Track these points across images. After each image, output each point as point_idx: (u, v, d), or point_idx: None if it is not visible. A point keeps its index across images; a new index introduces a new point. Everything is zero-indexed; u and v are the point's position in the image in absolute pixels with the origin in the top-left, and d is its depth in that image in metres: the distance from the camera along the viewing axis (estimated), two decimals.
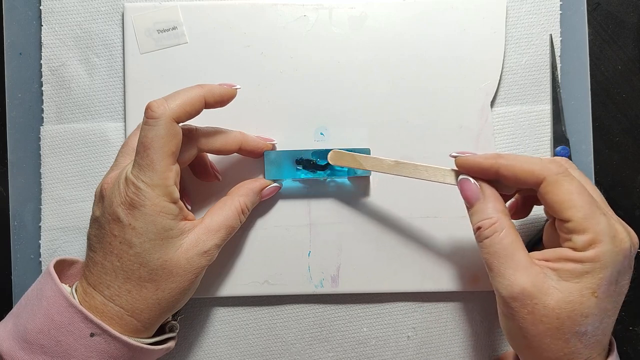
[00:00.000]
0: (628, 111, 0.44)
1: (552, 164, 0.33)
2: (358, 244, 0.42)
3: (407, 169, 0.37)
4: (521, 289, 0.31)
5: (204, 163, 0.40)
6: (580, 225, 0.31)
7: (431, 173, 0.37)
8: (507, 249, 0.33)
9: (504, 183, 0.35)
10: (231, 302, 0.43)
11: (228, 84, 0.37)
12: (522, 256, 0.32)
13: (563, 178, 0.32)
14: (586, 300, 0.31)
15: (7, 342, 0.33)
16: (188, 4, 0.42)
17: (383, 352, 0.43)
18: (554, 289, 0.31)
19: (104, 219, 0.34)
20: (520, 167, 0.33)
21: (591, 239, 0.31)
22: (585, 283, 0.31)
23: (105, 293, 0.34)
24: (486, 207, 0.34)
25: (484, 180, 0.35)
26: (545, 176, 0.32)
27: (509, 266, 0.32)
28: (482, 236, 0.34)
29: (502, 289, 0.32)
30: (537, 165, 0.33)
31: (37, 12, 0.44)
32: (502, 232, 0.33)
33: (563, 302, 0.31)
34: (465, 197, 0.35)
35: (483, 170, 0.35)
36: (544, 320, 0.31)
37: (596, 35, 0.45)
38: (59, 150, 0.43)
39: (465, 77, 0.42)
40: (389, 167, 0.37)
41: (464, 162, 0.35)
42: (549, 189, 0.32)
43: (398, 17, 0.42)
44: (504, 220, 0.33)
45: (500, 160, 0.34)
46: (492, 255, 0.33)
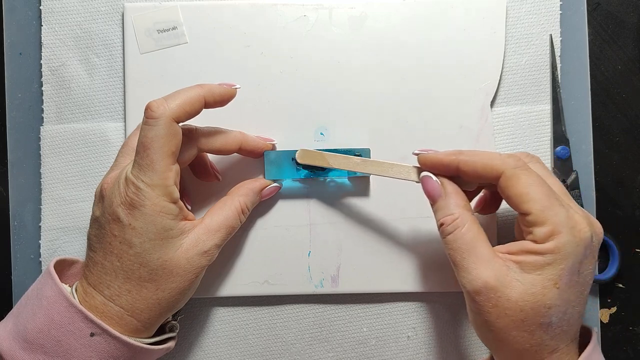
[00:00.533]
0: (628, 111, 0.44)
1: (510, 158, 0.33)
2: (358, 244, 0.42)
3: (373, 167, 0.38)
4: (484, 283, 0.32)
5: (204, 163, 0.40)
6: (539, 217, 0.32)
7: (396, 171, 0.37)
8: (469, 243, 0.33)
9: (464, 179, 0.35)
10: (231, 302, 0.43)
11: (228, 83, 0.37)
12: (485, 250, 0.33)
13: (520, 172, 0.33)
14: (548, 292, 0.31)
15: (7, 341, 0.33)
16: (188, 4, 0.42)
17: (383, 352, 0.43)
18: (516, 282, 0.32)
19: (104, 219, 0.34)
20: (479, 163, 0.34)
21: (550, 231, 0.31)
22: (546, 275, 0.31)
23: (105, 293, 0.34)
24: (448, 204, 0.35)
25: (445, 177, 0.36)
26: (503, 170, 0.33)
27: (471, 261, 0.33)
28: (445, 232, 0.34)
29: (466, 283, 0.33)
30: (495, 160, 0.33)
31: (37, 12, 0.44)
32: (464, 227, 0.33)
33: (526, 294, 0.31)
34: (428, 194, 0.36)
35: (444, 166, 0.35)
36: (508, 313, 0.31)
37: (596, 35, 0.45)
38: (59, 150, 0.43)
39: (465, 77, 0.42)
40: (355, 165, 0.38)
41: (426, 159, 0.36)
42: (508, 183, 0.33)
43: (398, 17, 0.42)
44: (465, 215, 0.34)
45: (461, 156, 0.34)
46: (455, 250, 0.33)
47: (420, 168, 0.37)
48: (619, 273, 0.43)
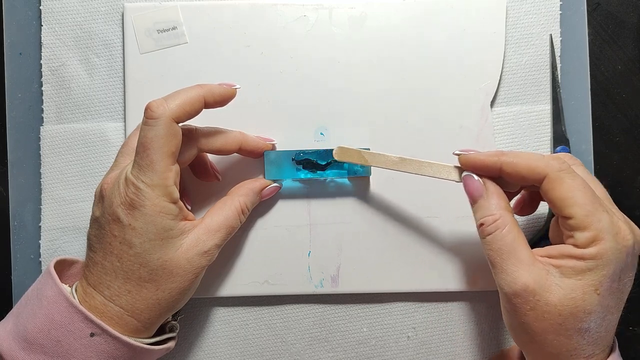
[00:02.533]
0: (628, 111, 0.44)
1: (554, 160, 0.33)
2: (358, 244, 0.42)
3: (412, 166, 0.37)
4: (523, 286, 0.31)
5: (204, 163, 0.40)
6: (582, 222, 0.31)
7: (435, 170, 0.37)
8: (509, 245, 0.33)
9: (507, 180, 0.35)
10: (231, 302, 0.43)
11: (228, 83, 0.37)
12: (525, 253, 0.32)
13: (565, 175, 0.32)
14: (588, 297, 0.31)
15: (7, 341, 0.33)
16: (188, 4, 0.42)
17: (383, 352, 0.43)
18: (556, 286, 0.31)
19: (104, 219, 0.34)
20: (523, 164, 0.33)
21: (593, 236, 0.31)
22: (587, 280, 0.31)
23: (105, 293, 0.34)
24: (489, 204, 0.34)
25: (487, 177, 0.35)
26: (547, 173, 0.32)
27: (511, 263, 0.32)
28: (485, 232, 0.34)
29: (504, 285, 0.32)
30: (539, 162, 0.33)
31: (37, 12, 0.44)
32: (505, 228, 0.33)
33: (565, 298, 0.31)
34: (469, 193, 0.35)
35: (486, 167, 0.35)
36: (546, 317, 0.31)
37: (596, 35, 0.44)
38: (59, 150, 0.43)
39: (465, 77, 0.42)
40: (393, 163, 0.37)
41: (468, 160, 0.35)
42: (551, 186, 0.32)
43: (398, 17, 0.42)
44: (506, 216, 0.33)
45: (504, 157, 0.34)
46: (494, 251, 0.33)
47: (461, 168, 0.36)
48: None
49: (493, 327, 0.42)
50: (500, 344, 0.42)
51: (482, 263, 0.42)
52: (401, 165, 0.37)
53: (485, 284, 0.42)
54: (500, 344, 0.42)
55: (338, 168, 0.40)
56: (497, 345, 0.42)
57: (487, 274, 0.42)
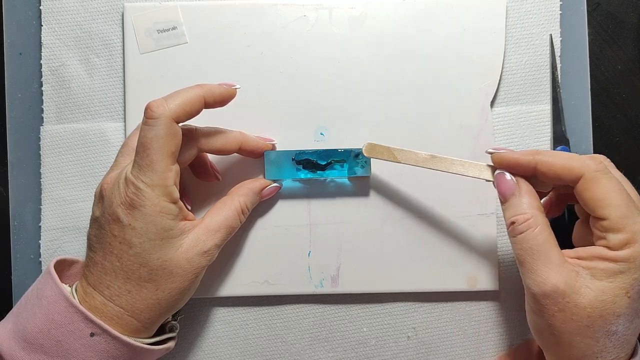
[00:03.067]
0: (628, 111, 0.44)
1: (590, 160, 0.33)
2: (358, 244, 0.42)
3: (442, 163, 0.37)
4: (553, 287, 0.31)
5: (204, 163, 0.40)
6: (617, 224, 0.31)
7: (467, 168, 0.37)
8: (540, 245, 0.32)
9: (541, 179, 0.34)
10: (231, 302, 0.43)
11: (228, 83, 0.37)
12: (556, 254, 0.32)
13: (602, 175, 0.32)
14: (619, 300, 0.31)
15: (7, 341, 0.33)
16: (188, 4, 0.42)
17: (383, 352, 0.43)
18: (586, 288, 0.31)
19: (104, 219, 0.34)
20: (559, 164, 0.33)
21: (627, 239, 0.31)
22: (618, 283, 0.31)
23: (105, 293, 0.34)
24: (521, 202, 0.34)
25: (520, 176, 0.35)
26: (583, 173, 0.32)
27: (542, 263, 0.32)
28: (516, 231, 0.33)
29: (533, 285, 0.32)
30: (575, 162, 0.33)
31: (37, 12, 0.44)
32: (537, 228, 0.33)
33: (595, 301, 0.31)
34: (501, 191, 0.35)
35: (521, 166, 0.34)
36: (575, 319, 0.31)
37: (596, 35, 0.44)
38: (59, 150, 0.43)
39: (465, 77, 0.42)
40: (424, 160, 0.37)
41: (501, 158, 0.35)
42: (587, 186, 0.32)
43: (398, 17, 0.42)
44: (539, 216, 0.33)
45: (539, 156, 0.34)
46: (525, 251, 0.33)
47: (493, 166, 0.36)
48: None
49: (493, 327, 0.42)
50: (500, 344, 0.42)
51: (482, 263, 0.42)
52: (431, 163, 0.37)
53: (485, 284, 0.42)
54: (500, 344, 0.42)
55: (338, 168, 0.40)
56: (497, 345, 0.42)
57: (487, 274, 0.42)
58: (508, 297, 0.42)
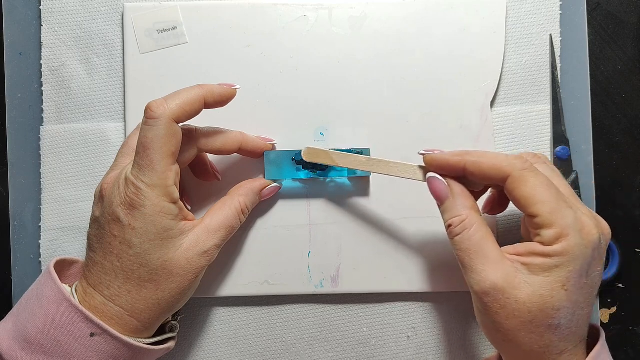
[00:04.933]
0: (628, 111, 0.44)
1: (517, 159, 0.33)
2: (358, 244, 0.42)
3: (379, 166, 0.37)
4: (492, 284, 0.32)
5: (204, 163, 0.40)
6: (547, 219, 0.31)
7: (402, 170, 0.37)
8: (477, 244, 0.33)
9: (471, 180, 0.35)
10: (231, 302, 0.43)
11: (228, 84, 0.37)
12: (493, 251, 0.33)
13: (528, 173, 0.33)
14: (556, 294, 0.31)
15: (7, 341, 0.33)
16: (188, 4, 0.42)
17: (383, 352, 0.43)
18: (524, 283, 0.32)
19: (104, 219, 0.34)
20: (486, 164, 0.34)
21: (558, 233, 0.31)
22: (554, 277, 0.31)
23: (105, 293, 0.34)
24: (455, 205, 0.34)
25: (452, 178, 0.35)
26: (510, 172, 0.33)
27: (479, 262, 0.33)
28: (453, 233, 0.34)
29: (474, 284, 0.33)
30: (502, 162, 0.33)
31: (37, 12, 0.44)
32: (472, 228, 0.33)
33: (534, 296, 0.31)
34: (435, 195, 0.36)
35: (450, 167, 0.35)
36: (517, 315, 0.31)
37: (596, 35, 0.44)
38: (59, 150, 0.43)
39: (465, 77, 0.42)
40: (361, 163, 0.38)
41: (432, 160, 0.36)
42: (515, 185, 0.33)
43: (398, 17, 0.42)
44: (473, 216, 0.34)
45: (467, 157, 0.34)
46: (463, 251, 0.33)
47: (427, 168, 0.36)
48: (619, 273, 0.43)
49: None
50: None
51: None
52: (369, 166, 0.38)
53: None
54: None
55: (338, 168, 0.40)
56: None
57: None
58: None
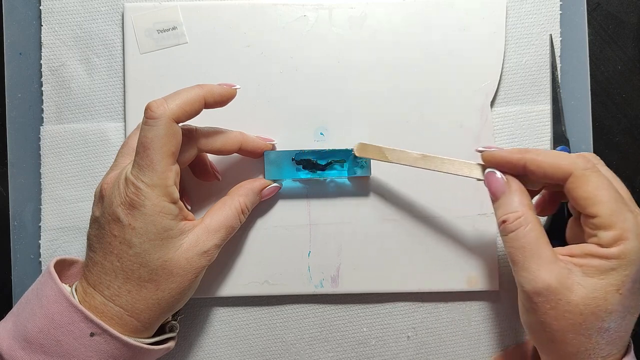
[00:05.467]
0: (628, 111, 0.44)
1: (579, 158, 0.33)
2: (358, 244, 0.42)
3: (434, 163, 0.37)
4: (546, 285, 0.31)
5: (204, 163, 0.40)
6: (607, 221, 0.31)
7: (457, 167, 0.37)
8: (532, 243, 0.32)
9: (530, 178, 0.34)
10: (231, 302, 0.43)
11: (228, 84, 0.37)
12: (547, 251, 0.32)
13: (590, 173, 0.32)
14: (610, 297, 0.31)
15: (7, 341, 0.33)
16: (188, 4, 0.42)
17: (383, 352, 0.43)
18: (578, 285, 0.31)
19: (104, 219, 0.34)
20: (547, 162, 0.33)
21: (617, 236, 0.31)
22: (610, 280, 0.31)
23: (105, 293, 0.34)
24: (512, 201, 0.34)
25: (510, 175, 0.35)
26: (572, 171, 0.32)
27: (533, 261, 0.32)
28: (507, 230, 0.33)
29: (525, 283, 0.32)
30: (564, 160, 0.33)
31: (37, 12, 0.44)
32: (528, 226, 0.33)
33: (587, 298, 0.31)
34: (491, 190, 0.35)
35: (510, 164, 0.34)
36: (567, 316, 0.31)
37: (596, 35, 0.44)
38: (59, 150, 0.43)
39: (465, 77, 0.42)
40: (414, 159, 0.37)
41: (491, 157, 0.35)
42: (576, 184, 0.32)
43: (398, 17, 0.42)
44: (529, 214, 0.33)
45: (528, 154, 0.34)
46: (516, 249, 0.33)
47: (484, 165, 0.36)
48: None
49: (493, 327, 0.42)
50: (500, 344, 0.42)
51: (482, 263, 0.42)
52: (422, 162, 0.37)
53: (485, 284, 0.42)
54: (500, 344, 0.42)
55: (338, 168, 0.40)
56: (497, 345, 0.42)
57: (486, 274, 0.42)
58: (507, 297, 0.42)
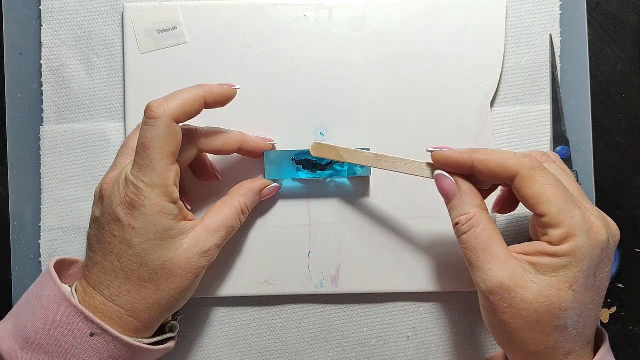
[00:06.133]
0: (628, 111, 0.44)
1: (525, 158, 0.33)
2: (358, 244, 0.42)
3: (386, 162, 0.37)
4: (499, 283, 0.32)
5: (204, 163, 0.40)
6: (555, 219, 0.31)
7: (409, 166, 0.37)
8: (484, 243, 0.33)
9: (479, 178, 0.35)
10: (231, 302, 0.43)
11: (228, 84, 0.37)
12: (500, 250, 0.33)
13: (536, 172, 0.32)
14: (564, 294, 0.31)
15: (7, 341, 0.33)
16: (188, 4, 0.42)
17: (383, 352, 0.43)
18: (531, 283, 0.31)
19: (104, 219, 0.34)
20: (495, 162, 0.33)
21: (566, 233, 0.31)
22: (562, 277, 0.31)
23: (105, 293, 0.34)
24: (463, 203, 0.34)
25: (460, 175, 0.35)
26: (519, 170, 0.32)
27: (486, 260, 0.32)
28: (460, 231, 0.34)
29: (480, 282, 0.33)
30: (510, 160, 0.33)
31: (37, 12, 0.44)
32: (479, 226, 0.33)
33: (541, 295, 0.31)
34: (442, 192, 0.36)
35: (458, 164, 0.35)
36: (523, 314, 0.31)
37: (596, 35, 0.45)
38: (59, 150, 0.43)
39: (465, 77, 0.42)
40: (368, 159, 0.38)
41: (440, 157, 0.35)
42: (523, 184, 0.32)
43: (398, 17, 0.42)
44: (480, 215, 0.34)
45: (475, 155, 0.34)
46: (470, 250, 0.33)
47: (435, 165, 0.36)
48: (619, 273, 0.43)
49: None
50: None
51: None
52: (376, 162, 0.37)
53: None
54: None
55: (338, 168, 0.40)
56: (497, 345, 0.42)
57: None
58: None
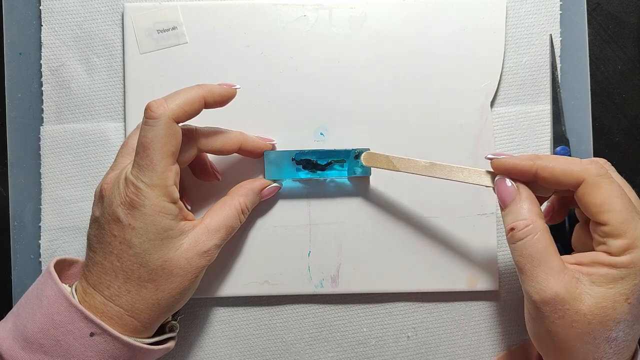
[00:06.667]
0: (628, 111, 0.44)
1: (591, 164, 0.32)
2: (358, 244, 0.42)
3: (442, 171, 0.37)
4: (554, 294, 0.31)
5: (204, 163, 0.40)
6: (617, 229, 0.31)
7: (467, 175, 0.36)
8: (540, 252, 0.32)
9: (542, 185, 0.34)
10: (231, 302, 0.43)
11: (228, 84, 0.37)
12: (556, 260, 0.32)
13: (603, 180, 0.32)
14: (619, 306, 0.30)
15: (7, 341, 0.33)
16: (188, 4, 0.42)
17: (383, 352, 0.43)
18: (586, 295, 0.31)
19: (104, 219, 0.34)
20: (560, 169, 0.32)
21: (627, 244, 0.30)
22: (618, 289, 0.30)
23: (105, 293, 0.34)
24: (521, 208, 0.33)
25: (521, 182, 0.34)
26: (584, 177, 0.32)
27: (541, 270, 0.31)
28: (515, 237, 0.33)
29: (533, 292, 0.32)
30: (576, 166, 0.32)
31: (37, 12, 0.44)
32: (537, 235, 0.32)
33: (595, 307, 0.30)
34: (501, 197, 0.34)
35: (521, 172, 0.34)
36: (575, 326, 0.31)
37: (596, 35, 0.44)
38: (59, 150, 0.43)
39: (465, 77, 0.42)
40: (423, 168, 0.37)
41: (500, 164, 0.35)
42: (588, 191, 0.32)
43: (398, 17, 0.42)
44: (538, 222, 0.33)
45: (539, 161, 0.33)
46: (524, 257, 0.32)
47: (493, 172, 0.35)
48: None
49: (493, 327, 0.42)
50: (500, 344, 0.42)
51: (482, 263, 0.42)
52: (431, 171, 0.37)
53: (485, 284, 0.42)
54: (500, 344, 0.42)
55: (338, 168, 0.40)
56: (497, 345, 0.42)
57: (486, 274, 0.42)
58: (507, 297, 0.42)
